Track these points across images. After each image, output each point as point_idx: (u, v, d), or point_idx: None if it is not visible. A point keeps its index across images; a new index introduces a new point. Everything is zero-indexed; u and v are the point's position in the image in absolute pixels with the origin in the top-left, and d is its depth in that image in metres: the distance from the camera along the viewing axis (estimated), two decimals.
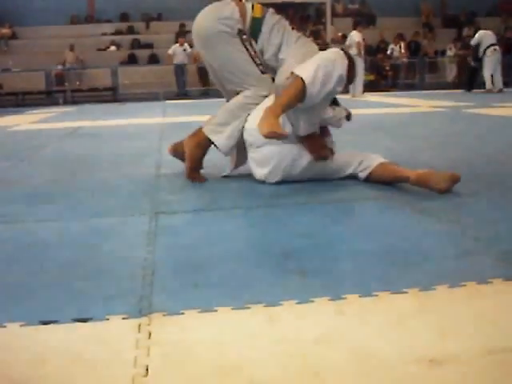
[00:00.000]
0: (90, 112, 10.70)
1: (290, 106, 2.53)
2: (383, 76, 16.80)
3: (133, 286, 1.47)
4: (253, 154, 2.76)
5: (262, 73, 2.78)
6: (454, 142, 4.27)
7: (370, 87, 15.06)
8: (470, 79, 13.56)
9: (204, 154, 2.92)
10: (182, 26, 18.07)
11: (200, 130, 2.90)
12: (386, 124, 5.94)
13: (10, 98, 15.75)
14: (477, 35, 12.90)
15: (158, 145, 4.54)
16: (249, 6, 2.90)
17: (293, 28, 2.97)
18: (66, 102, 15.56)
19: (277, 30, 2.87)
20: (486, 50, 12.47)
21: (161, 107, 10.99)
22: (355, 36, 12.46)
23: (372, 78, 15.99)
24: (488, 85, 12.57)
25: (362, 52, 12.67)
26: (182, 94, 15.46)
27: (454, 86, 16.46)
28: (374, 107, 8.76)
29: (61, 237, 2.02)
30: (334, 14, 19.94)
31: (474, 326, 1.19)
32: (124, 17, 19.63)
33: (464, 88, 13.37)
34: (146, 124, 7.08)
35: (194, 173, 2.90)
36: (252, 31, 2.84)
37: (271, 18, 2.89)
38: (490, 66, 12.43)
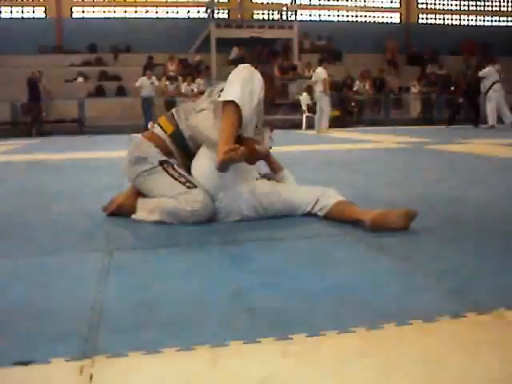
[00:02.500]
0: (55, 144, 10.64)
1: (234, 137, 2.55)
2: (349, 112, 17.06)
3: (79, 326, 1.45)
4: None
5: (189, 187, 2.71)
6: (413, 178, 4.34)
7: (335, 123, 15.29)
8: (453, 114, 14.61)
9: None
10: (151, 58, 18.23)
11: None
12: (347, 160, 6.02)
13: None
14: (487, 69, 13.07)
15: (119, 179, 4.51)
16: (158, 130, 2.90)
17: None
18: (29, 134, 15.42)
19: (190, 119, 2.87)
20: (492, 85, 12.76)
21: (126, 141, 10.96)
22: (321, 73, 12.65)
23: (338, 113, 16.23)
24: (491, 120, 12.84)
25: (327, 88, 12.85)
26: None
27: (419, 121, 16.83)
28: (337, 143, 8.87)
29: (10, 275, 1.98)
30: (302, 50, 20.34)
31: (418, 365, 1.19)
32: (92, 48, 19.68)
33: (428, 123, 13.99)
34: (109, 158, 7.04)
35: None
36: (178, 144, 2.85)
37: (183, 120, 2.87)
38: (499, 101, 12.78)
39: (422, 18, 24.01)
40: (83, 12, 20.89)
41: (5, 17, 20.29)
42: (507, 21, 25.00)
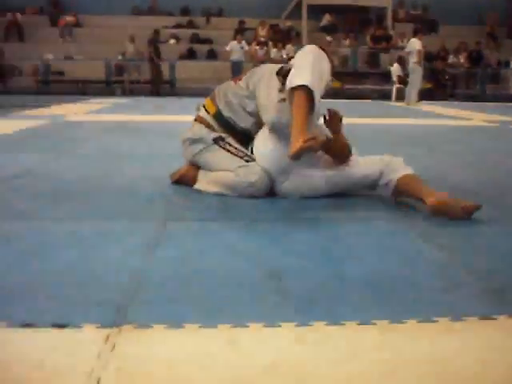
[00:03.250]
0: (143, 105, 10.92)
1: (307, 122, 2.49)
2: (442, 85, 16.52)
3: (116, 295, 1.53)
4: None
5: (247, 161, 2.76)
6: (490, 162, 4.20)
7: (427, 95, 14.86)
8: None
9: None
10: (242, 22, 18.24)
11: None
12: (427, 137, 5.87)
13: (71, 85, 16.22)
14: None
15: None
16: (203, 112, 2.95)
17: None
18: (123, 93, 15.92)
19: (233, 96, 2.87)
20: None
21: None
22: (415, 43, 12.26)
23: (430, 86, 15.75)
24: None
25: (422, 60, 12.48)
26: None
27: None
28: (423, 117, 8.64)
29: (68, 238, 2.10)
30: (396, 19, 19.75)
31: (428, 365, 1.20)
32: (185, 11, 19.88)
33: None
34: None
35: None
36: (221, 124, 2.87)
37: (221, 100, 2.89)
38: None
39: None
40: None
41: None
42: None
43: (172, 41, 18.37)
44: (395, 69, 14.53)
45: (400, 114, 9.22)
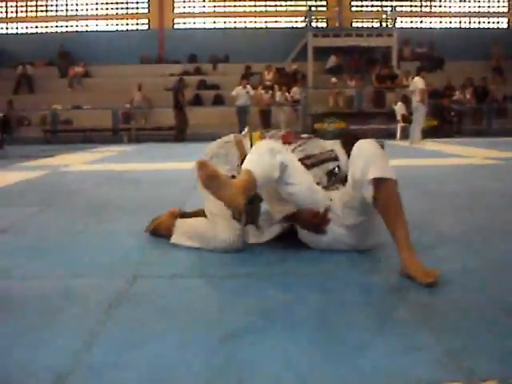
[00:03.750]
0: (149, 152, 11.00)
1: None
2: (448, 122, 16.50)
3: (59, 360, 1.48)
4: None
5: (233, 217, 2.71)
6: (482, 204, 4.11)
7: (432, 133, 14.85)
8: None
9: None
10: (248, 67, 18.47)
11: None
12: (422, 178, 5.79)
13: (79, 134, 16.43)
14: None
15: (186, 195, 4.59)
16: (247, 141, 2.93)
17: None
18: (130, 140, 16.08)
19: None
20: None
21: None
22: (418, 82, 12.32)
23: (435, 123, 15.75)
24: None
25: (426, 99, 12.50)
26: None
27: None
28: (422, 157, 8.58)
29: (30, 297, 2.07)
30: (401, 58, 19.91)
31: None
32: (192, 58, 20.19)
33: None
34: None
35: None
36: None
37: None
38: None
39: None
40: (184, 24, 21.46)
41: (110, 29, 21.22)
42: None
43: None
44: (399, 108, 14.56)
45: (401, 155, 9.15)
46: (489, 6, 22.49)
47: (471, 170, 6.79)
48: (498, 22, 22.49)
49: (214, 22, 21.54)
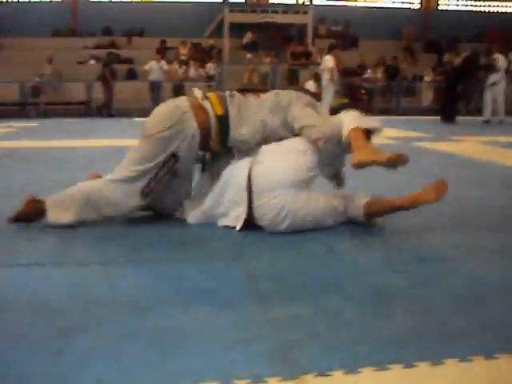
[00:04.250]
0: (52, 129, 10.70)
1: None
2: (358, 99, 16.78)
3: None
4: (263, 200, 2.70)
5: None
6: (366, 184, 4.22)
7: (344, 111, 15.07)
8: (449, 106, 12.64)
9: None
10: (163, 42, 18.16)
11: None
12: None
13: None
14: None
15: (72, 177, 4.50)
16: (208, 105, 2.84)
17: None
18: (39, 115, 15.55)
19: (247, 109, 2.86)
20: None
21: (125, 126, 11.02)
22: (328, 61, 12.42)
23: (346, 101, 16.00)
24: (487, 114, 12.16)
25: (335, 77, 12.61)
26: None
27: (431, 111, 16.44)
28: None
29: None
30: (317, 36, 20.09)
31: None
32: (107, 31, 19.69)
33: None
34: (94, 148, 7.01)
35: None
36: (221, 129, 2.80)
37: (233, 105, 2.85)
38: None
39: (443, 4, 23.52)
40: None
41: (23, 0, 20.38)
42: None
43: (92, 61, 18.11)
44: (310, 86, 14.69)
45: None
46: None
47: None
48: (411, 3, 23.04)
49: None
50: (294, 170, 2.68)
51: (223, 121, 2.78)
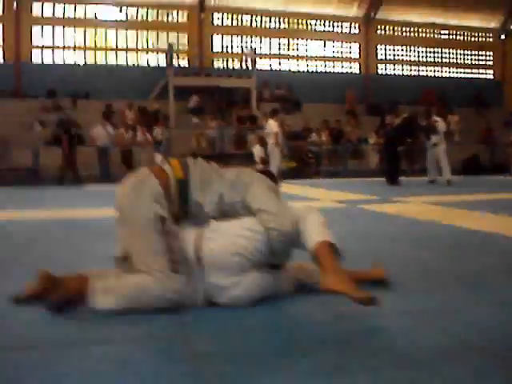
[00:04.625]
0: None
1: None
2: (306, 163, 17.11)
3: None
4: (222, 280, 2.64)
5: (173, 271, 2.57)
6: None
7: (293, 174, 15.34)
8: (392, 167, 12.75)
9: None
10: (109, 105, 18.14)
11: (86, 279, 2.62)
12: None
13: None
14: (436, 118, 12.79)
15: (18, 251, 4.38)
16: (168, 169, 2.79)
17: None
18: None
19: (209, 177, 2.83)
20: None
21: (76, 195, 10.87)
22: (272, 125, 12.70)
23: (294, 164, 16.32)
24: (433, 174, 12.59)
25: (280, 141, 12.86)
26: (105, 178, 14.94)
27: (377, 172, 16.74)
28: None
29: None
30: (261, 99, 20.52)
31: None
32: (51, 93, 19.58)
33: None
34: (32, 219, 6.84)
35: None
36: (179, 191, 2.73)
37: (195, 170, 2.81)
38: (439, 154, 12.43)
39: (381, 69, 24.48)
40: (43, 57, 20.84)
41: None
42: (464, 72, 25.66)
43: (38, 127, 17.83)
44: (257, 150, 14.92)
45: None
46: (342, 52, 23.84)
47: None
48: (351, 67, 23.88)
49: (74, 57, 21.12)
50: (239, 257, 2.65)
51: (183, 184, 2.74)
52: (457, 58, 25.80)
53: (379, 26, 24.31)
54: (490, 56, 26.05)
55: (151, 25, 21.81)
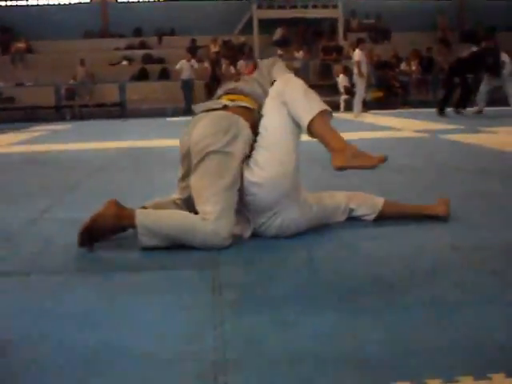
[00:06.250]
0: (84, 131, 10.79)
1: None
2: (394, 93, 16.51)
3: None
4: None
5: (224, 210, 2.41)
6: (380, 181, 4.07)
7: (378, 104, 14.89)
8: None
9: (113, 230, 2.48)
10: (194, 41, 18.19)
11: (132, 212, 2.43)
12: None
13: (21, 112, 16.03)
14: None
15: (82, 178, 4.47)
16: (244, 103, 2.63)
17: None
18: (74, 117, 15.77)
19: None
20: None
21: (159, 126, 11.08)
22: (356, 55, 12.33)
23: (380, 94, 15.79)
24: None
25: (364, 71, 12.40)
26: (189, 110, 15.26)
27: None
28: (351, 130, 8.48)
29: None
30: (349, 29, 19.86)
31: None
32: (137, 32, 19.81)
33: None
34: (118, 148, 6.98)
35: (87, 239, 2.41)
36: (256, 120, 2.60)
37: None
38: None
39: None
40: None
41: (52, 3, 20.65)
42: None
43: (124, 62, 18.26)
44: (341, 79, 14.54)
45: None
46: None
47: (393, 143, 6.80)
48: None
49: None
50: (284, 171, 2.47)
51: (257, 114, 2.60)
52: None
53: None
54: None
55: None
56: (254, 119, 2.56)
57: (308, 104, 2.47)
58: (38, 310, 1.80)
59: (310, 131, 2.47)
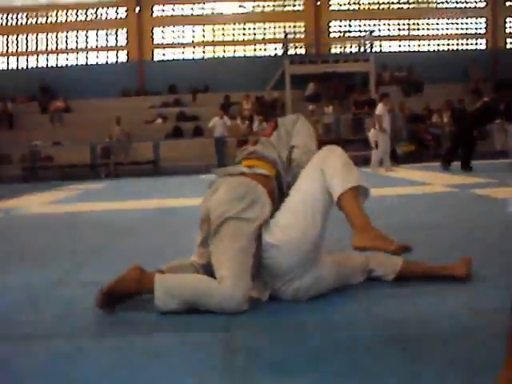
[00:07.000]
0: (116, 190, 10.96)
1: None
2: (424, 146, 16.46)
3: None
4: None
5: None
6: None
7: (410, 158, 14.83)
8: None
9: (133, 294, 2.46)
10: (227, 97, 18.53)
11: (152, 276, 2.43)
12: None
13: (58, 171, 16.41)
14: None
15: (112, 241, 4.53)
16: (261, 171, 2.63)
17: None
18: (108, 176, 16.05)
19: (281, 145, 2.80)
20: None
21: (190, 183, 11.19)
22: (377, 109, 12.24)
23: (412, 148, 15.75)
24: None
25: (386, 126, 12.23)
26: (222, 167, 15.36)
27: (503, 154, 15.74)
28: (378, 186, 8.41)
29: None
30: (381, 83, 19.98)
31: None
32: (172, 89, 20.27)
33: None
34: (144, 209, 7.09)
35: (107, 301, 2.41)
36: (278, 187, 2.65)
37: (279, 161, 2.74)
38: None
39: (511, 43, 22.98)
40: (164, 55, 21.62)
41: (91, 63, 21.36)
42: None
43: (159, 120, 18.63)
44: (372, 134, 14.51)
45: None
46: (467, 28, 22.65)
47: (422, 200, 6.73)
48: (477, 44, 22.64)
49: (193, 53, 21.69)
50: (304, 240, 2.45)
51: (277, 178, 2.65)
52: None
53: None
54: None
55: (268, 16, 21.88)
56: (271, 186, 2.59)
57: (344, 177, 2.42)
58: (53, 374, 1.83)
59: (339, 205, 2.43)
